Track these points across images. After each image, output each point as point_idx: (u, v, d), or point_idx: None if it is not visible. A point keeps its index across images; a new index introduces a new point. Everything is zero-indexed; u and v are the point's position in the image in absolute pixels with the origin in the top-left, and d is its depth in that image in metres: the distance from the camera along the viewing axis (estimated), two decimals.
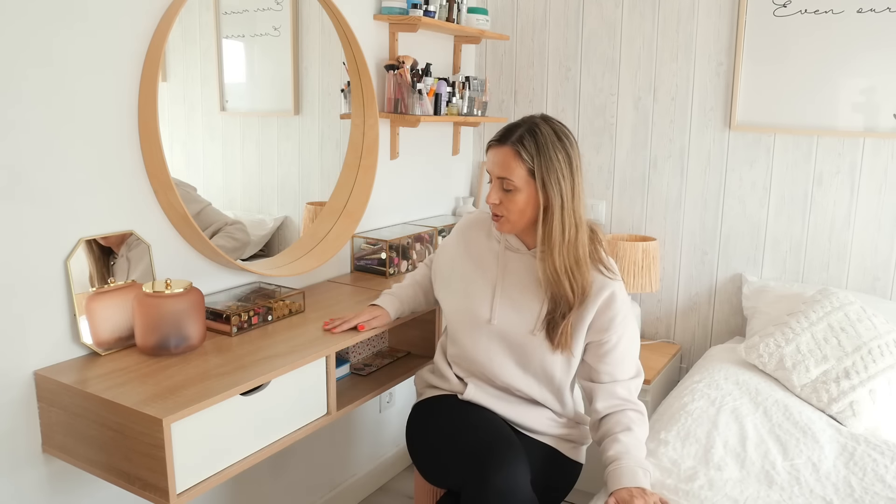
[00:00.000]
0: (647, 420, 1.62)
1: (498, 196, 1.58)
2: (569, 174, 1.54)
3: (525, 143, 1.53)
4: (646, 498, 1.41)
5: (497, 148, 1.57)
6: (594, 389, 1.63)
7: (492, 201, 1.59)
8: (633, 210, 2.77)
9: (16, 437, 1.47)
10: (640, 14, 2.64)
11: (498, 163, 1.56)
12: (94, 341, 1.55)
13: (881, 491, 1.56)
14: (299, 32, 2.12)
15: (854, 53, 2.31)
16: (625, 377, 1.62)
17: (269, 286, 1.97)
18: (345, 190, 2.25)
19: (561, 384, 1.65)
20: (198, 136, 1.90)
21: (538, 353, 1.61)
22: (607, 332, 1.60)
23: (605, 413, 1.60)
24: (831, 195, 2.42)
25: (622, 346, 1.62)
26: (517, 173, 1.53)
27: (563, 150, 1.54)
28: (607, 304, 1.59)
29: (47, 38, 1.43)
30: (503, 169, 1.55)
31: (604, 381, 1.62)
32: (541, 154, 1.52)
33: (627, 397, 1.61)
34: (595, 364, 1.63)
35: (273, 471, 2.17)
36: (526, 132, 1.54)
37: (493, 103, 2.99)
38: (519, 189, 1.54)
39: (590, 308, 1.59)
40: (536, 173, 1.53)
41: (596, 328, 1.60)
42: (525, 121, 1.58)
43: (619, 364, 1.62)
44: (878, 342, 1.99)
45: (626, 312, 1.62)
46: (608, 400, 1.61)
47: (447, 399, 1.70)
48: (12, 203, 1.42)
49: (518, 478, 1.44)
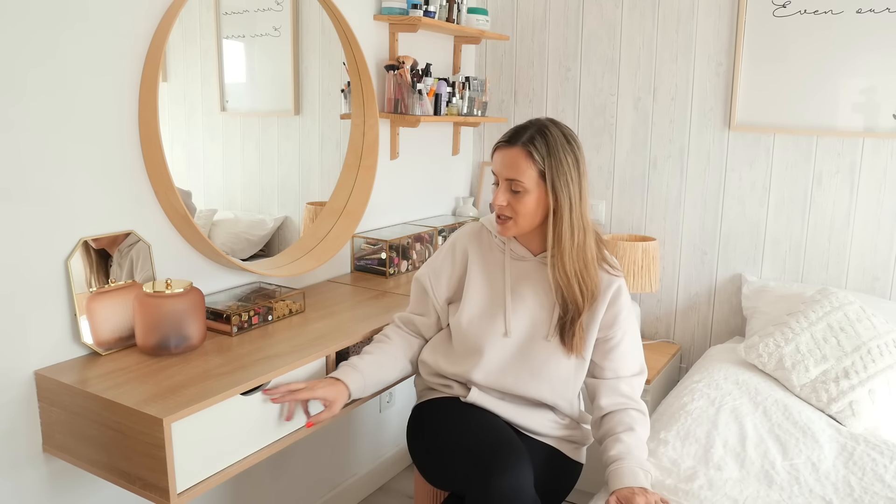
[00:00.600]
0: (648, 420, 1.62)
1: (506, 198, 1.55)
2: (577, 177, 1.54)
3: (536, 144, 1.52)
4: (647, 497, 1.41)
5: (506, 149, 1.55)
6: (597, 386, 1.63)
7: (499, 203, 1.56)
8: (633, 210, 2.77)
9: (16, 436, 1.47)
10: (640, 14, 2.64)
11: (507, 164, 1.54)
12: (95, 341, 1.55)
13: (881, 491, 1.56)
14: (299, 32, 2.12)
15: (854, 53, 2.31)
16: (628, 373, 1.63)
17: (270, 286, 1.98)
18: (345, 190, 2.25)
19: (574, 387, 1.65)
20: (198, 137, 1.90)
21: (553, 359, 1.61)
22: (612, 329, 1.61)
23: (608, 411, 1.61)
24: (831, 195, 2.43)
25: (626, 342, 1.63)
26: (528, 174, 1.52)
27: (571, 152, 1.54)
28: (613, 300, 1.61)
29: (48, 37, 1.44)
30: (513, 170, 1.53)
31: (607, 377, 1.63)
32: (551, 156, 1.52)
33: (630, 394, 1.62)
34: (599, 361, 1.63)
35: (273, 471, 2.17)
36: (536, 133, 1.53)
37: (493, 103, 2.99)
38: (528, 191, 1.53)
39: (600, 307, 1.60)
40: (547, 175, 1.52)
41: (603, 325, 1.61)
42: (533, 123, 1.57)
43: (623, 360, 1.62)
44: (877, 342, 1.99)
45: (629, 308, 1.64)
46: (611, 397, 1.61)
47: (449, 401, 1.68)
48: (13, 203, 1.42)
49: (522, 481, 1.44)
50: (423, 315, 1.74)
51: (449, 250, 1.73)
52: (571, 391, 1.65)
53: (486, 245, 1.70)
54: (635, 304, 2.66)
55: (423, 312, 1.75)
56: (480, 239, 1.71)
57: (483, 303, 1.65)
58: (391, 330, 1.75)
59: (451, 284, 1.71)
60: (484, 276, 1.67)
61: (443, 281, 1.71)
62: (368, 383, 1.61)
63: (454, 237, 1.75)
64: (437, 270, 1.72)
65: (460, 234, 1.74)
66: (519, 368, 1.62)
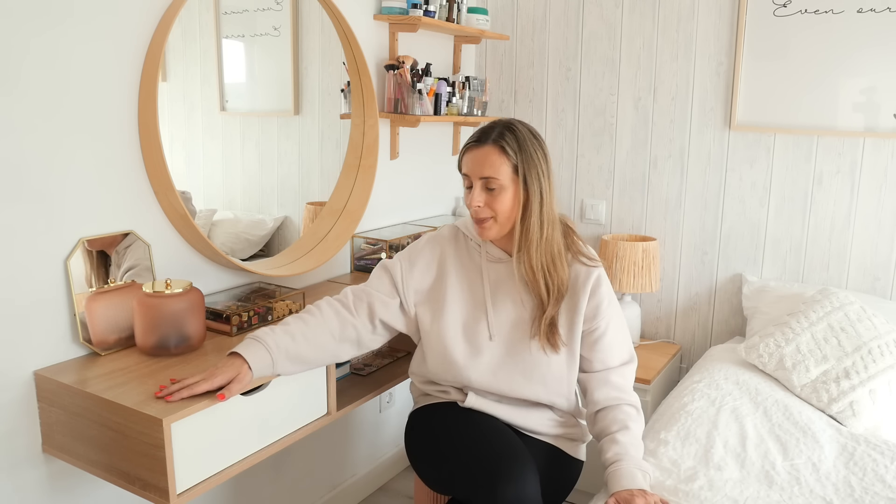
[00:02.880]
0: (642, 414, 1.62)
1: (482, 198, 1.53)
2: (546, 171, 1.55)
3: (507, 139, 1.52)
4: (646, 498, 1.41)
5: (477, 148, 1.54)
6: (588, 380, 1.63)
7: (476, 203, 1.53)
8: (633, 210, 2.77)
9: (16, 437, 1.47)
10: (640, 14, 2.64)
11: (480, 162, 1.52)
12: (94, 341, 1.55)
13: (881, 491, 1.56)
14: (299, 32, 2.12)
15: (854, 53, 2.31)
16: (617, 363, 1.63)
17: (269, 286, 1.97)
18: (345, 190, 2.25)
19: (569, 383, 1.64)
20: (198, 136, 1.90)
21: (542, 358, 1.60)
22: (595, 320, 1.60)
23: (601, 406, 1.60)
24: (831, 195, 2.42)
25: (611, 331, 1.62)
26: (503, 170, 1.51)
27: (539, 147, 1.55)
28: (594, 291, 1.60)
29: (47, 37, 1.43)
30: (487, 167, 1.51)
31: (597, 369, 1.62)
32: (522, 150, 1.52)
33: (622, 386, 1.61)
34: (587, 354, 1.63)
35: (273, 471, 2.17)
36: (504, 130, 1.53)
37: (493, 103, 2.99)
38: (505, 187, 1.52)
39: (581, 299, 1.59)
40: (520, 169, 1.52)
41: (586, 318, 1.61)
42: (498, 122, 1.56)
43: (610, 350, 1.62)
44: (878, 342, 1.99)
45: (610, 297, 1.63)
46: (603, 390, 1.60)
47: (446, 407, 1.67)
48: (13, 203, 1.42)
49: (528, 490, 1.44)
50: (387, 296, 1.60)
51: (427, 248, 1.66)
52: (566, 387, 1.64)
53: (463, 249, 1.67)
54: (635, 304, 2.67)
55: (386, 293, 1.61)
56: (457, 243, 1.68)
57: (465, 308, 1.63)
58: (325, 303, 1.57)
59: (424, 282, 1.63)
60: (463, 281, 1.64)
61: (416, 273, 1.62)
62: (279, 361, 1.43)
63: (431, 237, 1.69)
64: (413, 260, 1.64)
65: (437, 237, 1.69)
66: (511, 371, 1.61)
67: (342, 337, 1.55)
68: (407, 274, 1.63)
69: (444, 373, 1.65)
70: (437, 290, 1.64)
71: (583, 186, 2.85)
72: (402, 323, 1.64)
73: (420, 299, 1.64)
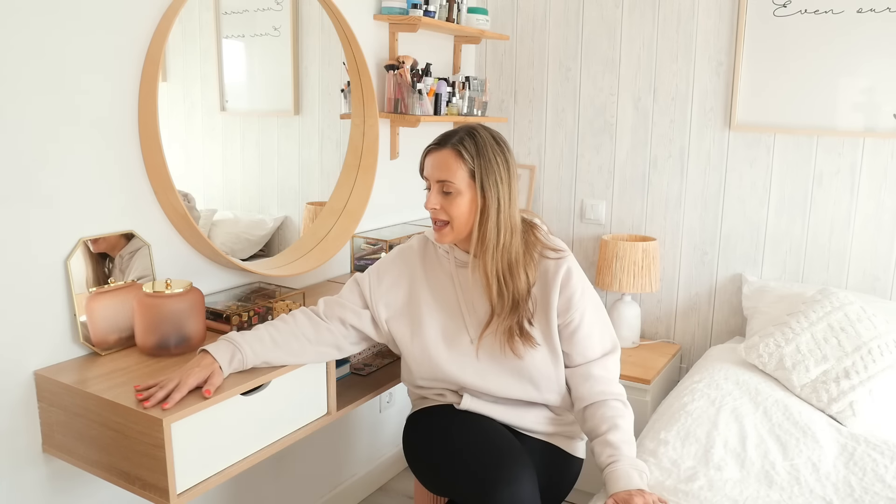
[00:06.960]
0: (629, 407, 1.60)
1: (438, 200, 1.54)
2: (507, 178, 1.54)
3: (465, 144, 1.52)
4: (644, 498, 1.41)
5: (436, 152, 1.55)
6: (571, 375, 1.62)
7: (431, 206, 1.54)
8: (633, 210, 2.77)
9: (16, 437, 1.47)
10: (640, 14, 2.64)
11: (437, 165, 1.54)
12: (95, 341, 1.55)
13: (881, 491, 1.56)
14: (299, 32, 2.12)
15: (854, 53, 2.31)
16: (597, 354, 1.62)
17: (269, 286, 1.97)
18: (345, 190, 2.25)
19: (558, 378, 1.64)
20: (198, 136, 1.90)
21: (526, 357, 1.59)
22: (569, 313, 1.59)
23: (587, 403, 1.59)
24: (831, 195, 2.42)
25: (587, 322, 1.60)
26: (459, 175, 1.52)
27: (501, 153, 1.54)
28: (564, 284, 1.59)
29: (47, 37, 1.44)
30: (444, 171, 1.52)
31: (577, 363, 1.61)
32: (480, 156, 1.52)
33: (606, 378, 1.60)
34: (566, 348, 1.62)
35: (273, 471, 2.17)
36: (465, 135, 1.54)
37: (493, 103, 2.99)
38: (461, 192, 1.52)
39: (552, 294, 1.58)
40: (476, 174, 1.52)
41: (560, 311, 1.60)
42: (462, 127, 1.57)
43: (588, 342, 1.61)
44: (877, 342, 1.99)
45: (583, 287, 1.61)
46: (586, 385, 1.59)
47: (443, 409, 1.67)
48: (12, 203, 1.42)
49: (525, 492, 1.44)
50: (359, 307, 1.64)
51: (394, 264, 1.68)
52: (556, 384, 1.64)
53: (433, 257, 1.68)
54: (634, 304, 2.67)
55: (358, 305, 1.64)
56: (426, 252, 1.69)
57: (443, 317, 1.63)
58: (299, 311, 1.62)
59: (396, 298, 1.65)
60: (436, 290, 1.64)
61: (384, 288, 1.64)
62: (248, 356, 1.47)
63: (400, 251, 1.70)
64: (381, 277, 1.66)
65: (406, 249, 1.70)
66: (499, 373, 1.61)
67: (318, 340, 1.58)
68: (375, 288, 1.65)
69: (435, 381, 1.66)
70: (412, 304, 1.65)
71: (583, 186, 2.85)
72: (375, 334, 1.66)
73: (392, 314, 1.65)
